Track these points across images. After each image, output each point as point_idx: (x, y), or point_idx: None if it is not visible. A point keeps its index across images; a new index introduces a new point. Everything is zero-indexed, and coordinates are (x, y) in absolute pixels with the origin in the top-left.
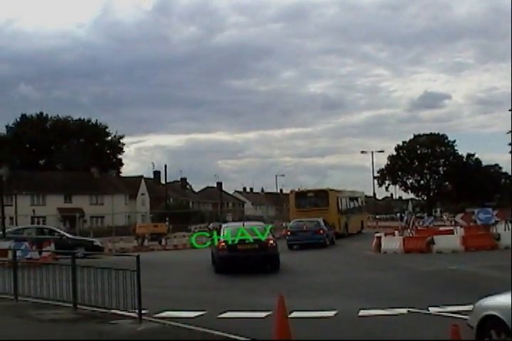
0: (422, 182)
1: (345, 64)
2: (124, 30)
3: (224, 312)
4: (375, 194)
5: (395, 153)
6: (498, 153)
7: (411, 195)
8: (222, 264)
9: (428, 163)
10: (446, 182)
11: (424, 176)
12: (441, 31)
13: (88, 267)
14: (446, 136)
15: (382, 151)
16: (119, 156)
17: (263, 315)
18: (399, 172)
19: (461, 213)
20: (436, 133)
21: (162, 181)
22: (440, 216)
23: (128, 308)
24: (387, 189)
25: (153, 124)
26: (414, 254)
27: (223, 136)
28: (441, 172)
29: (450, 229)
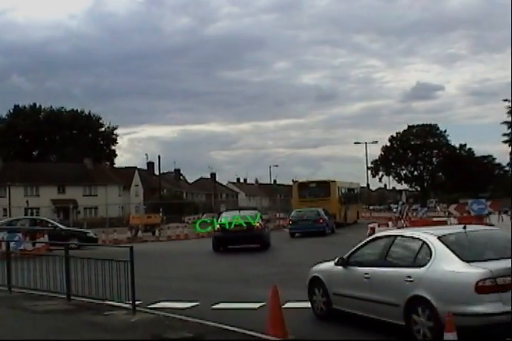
0: (415, 172)
1: (338, 55)
2: (116, 21)
3: (218, 303)
4: (368, 185)
5: (388, 144)
6: (491, 144)
7: (404, 186)
8: (218, 242)
9: (421, 153)
10: (440, 173)
11: (417, 167)
12: (435, 22)
13: (82, 258)
14: (437, 127)
15: (376, 142)
16: (113, 147)
17: (257, 305)
18: (392, 163)
19: (454, 204)
20: (429, 124)
21: (156, 172)
22: (434, 206)
23: (122, 299)
24: (381, 180)
25: (147, 115)
26: None
27: (217, 127)
28: (434, 163)
29: (443, 220)
